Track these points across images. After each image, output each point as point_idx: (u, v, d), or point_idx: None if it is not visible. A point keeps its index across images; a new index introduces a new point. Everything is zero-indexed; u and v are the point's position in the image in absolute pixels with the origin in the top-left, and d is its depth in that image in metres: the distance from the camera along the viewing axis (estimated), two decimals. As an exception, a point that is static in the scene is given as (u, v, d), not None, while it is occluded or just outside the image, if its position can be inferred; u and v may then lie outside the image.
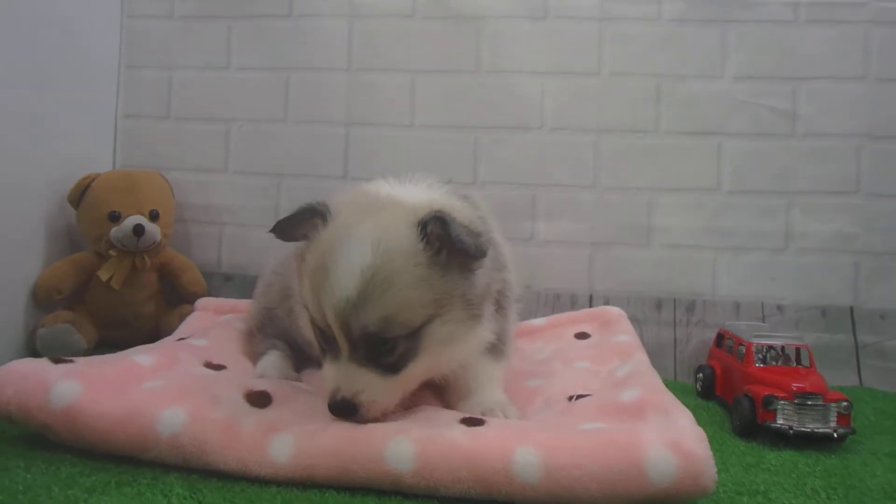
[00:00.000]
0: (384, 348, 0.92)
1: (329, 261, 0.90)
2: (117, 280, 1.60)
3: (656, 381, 1.11)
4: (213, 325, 1.49)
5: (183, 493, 0.83)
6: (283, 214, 1.74)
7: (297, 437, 0.89)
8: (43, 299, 1.56)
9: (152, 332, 1.63)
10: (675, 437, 0.84)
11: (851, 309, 1.65)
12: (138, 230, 1.59)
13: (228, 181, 1.84)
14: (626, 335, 1.44)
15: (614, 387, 1.14)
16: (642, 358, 1.28)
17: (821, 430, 1.12)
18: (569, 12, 1.74)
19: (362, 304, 0.88)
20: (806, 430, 1.12)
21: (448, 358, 0.99)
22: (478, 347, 1.03)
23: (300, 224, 0.99)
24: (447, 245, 0.91)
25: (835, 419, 1.13)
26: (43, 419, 0.92)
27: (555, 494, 0.82)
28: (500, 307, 1.09)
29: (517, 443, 0.85)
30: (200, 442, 0.88)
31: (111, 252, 1.61)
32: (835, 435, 1.11)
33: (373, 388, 0.92)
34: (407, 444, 0.86)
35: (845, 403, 1.13)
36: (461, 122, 1.77)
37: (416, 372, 0.96)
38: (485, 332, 1.01)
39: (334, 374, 0.94)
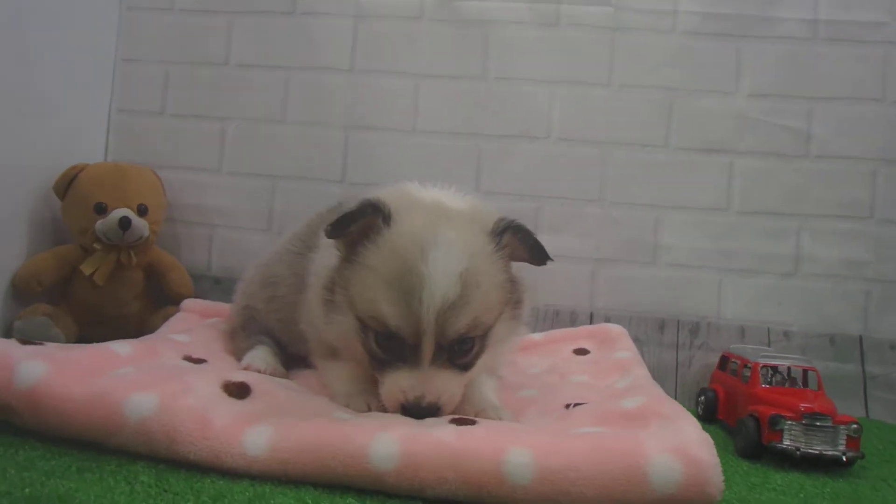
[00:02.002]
0: (464, 348, 1.01)
1: (422, 265, 0.95)
2: (101, 275, 1.61)
3: (659, 391, 1.13)
4: (197, 326, 1.50)
5: (148, 482, 0.82)
6: (278, 218, 1.86)
7: (274, 430, 0.89)
8: (22, 291, 1.57)
9: (136, 333, 1.59)
10: (680, 443, 0.84)
11: (861, 338, 1.68)
12: (124, 223, 1.59)
13: (222, 182, 1.87)
14: (627, 352, 1.46)
15: (614, 397, 1.14)
16: (643, 373, 1.30)
17: (830, 453, 1.13)
18: (581, 20, 1.79)
19: (461, 306, 0.96)
20: (814, 451, 1.13)
21: (499, 354, 1.11)
22: (516, 345, 1.15)
23: (358, 220, 1.01)
24: (517, 250, 1.05)
25: (844, 442, 1.14)
26: (5, 400, 0.92)
27: (547, 498, 0.81)
28: None
29: (509, 443, 0.85)
30: (170, 429, 0.87)
31: (96, 245, 1.61)
32: (844, 458, 1.12)
33: (453, 387, 1.00)
34: (391, 442, 0.85)
35: (855, 426, 1.15)
36: (465, 129, 1.81)
37: (478, 369, 1.06)
38: (522, 331, 1.15)
39: (413, 381, 0.98)
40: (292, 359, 1.33)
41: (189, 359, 1.22)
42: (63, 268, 1.62)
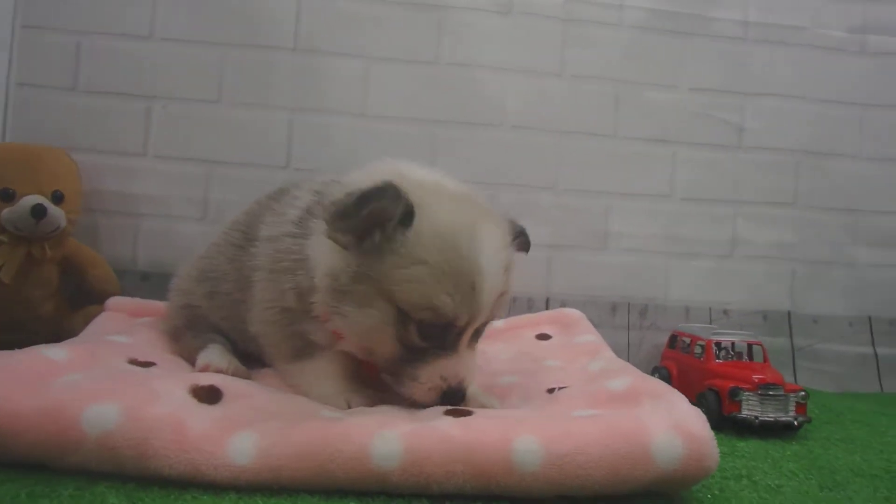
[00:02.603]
0: (483, 329, 1.11)
1: (479, 258, 1.01)
2: (8, 272, 1.51)
3: (639, 371, 1.23)
4: (133, 327, 1.43)
5: (118, 503, 0.77)
6: (214, 206, 1.82)
7: (260, 435, 0.86)
8: None
9: (51, 338, 1.47)
10: (678, 420, 0.91)
11: (789, 313, 1.94)
12: (38, 211, 1.50)
13: (148, 167, 1.80)
14: (590, 335, 1.58)
15: (594, 380, 1.23)
16: (611, 355, 1.41)
17: (783, 419, 1.32)
18: (533, 9, 1.89)
19: (504, 295, 1.09)
20: (769, 419, 1.32)
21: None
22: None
23: (375, 203, 0.98)
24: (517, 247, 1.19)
25: (794, 408, 1.34)
26: None
27: (555, 483, 0.85)
28: None
29: (515, 431, 0.88)
30: (139, 442, 0.83)
31: (2, 238, 1.52)
32: (795, 423, 1.32)
33: (474, 365, 1.09)
34: (394, 439, 0.86)
35: (803, 393, 1.35)
36: (418, 115, 1.86)
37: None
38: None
39: (452, 367, 1.04)
40: (246, 357, 1.30)
41: (135, 362, 1.15)
42: (-42, 264, 1.50)
